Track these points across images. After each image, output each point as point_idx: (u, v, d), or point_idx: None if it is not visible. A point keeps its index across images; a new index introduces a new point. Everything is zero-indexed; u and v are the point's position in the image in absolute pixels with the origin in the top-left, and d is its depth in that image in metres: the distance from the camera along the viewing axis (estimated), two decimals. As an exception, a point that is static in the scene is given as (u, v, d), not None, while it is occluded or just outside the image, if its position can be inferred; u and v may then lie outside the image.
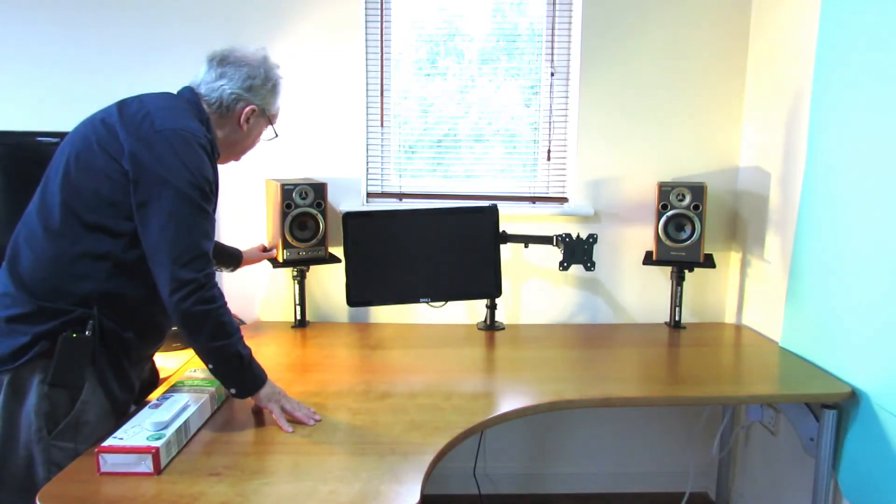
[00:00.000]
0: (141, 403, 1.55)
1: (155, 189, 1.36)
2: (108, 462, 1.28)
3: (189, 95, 1.55)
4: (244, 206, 2.44)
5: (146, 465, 1.28)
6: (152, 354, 1.67)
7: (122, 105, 1.47)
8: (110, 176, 1.38)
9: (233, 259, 2.12)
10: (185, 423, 1.42)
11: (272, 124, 1.68)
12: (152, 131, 1.39)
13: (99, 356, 1.41)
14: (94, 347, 1.39)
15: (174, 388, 1.59)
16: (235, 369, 1.47)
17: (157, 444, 1.30)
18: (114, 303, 1.42)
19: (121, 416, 1.47)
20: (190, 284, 1.36)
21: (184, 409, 1.46)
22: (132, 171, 1.37)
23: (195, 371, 1.71)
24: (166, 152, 1.37)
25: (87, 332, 1.38)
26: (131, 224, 1.39)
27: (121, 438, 1.32)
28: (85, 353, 1.38)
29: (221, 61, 1.56)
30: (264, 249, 2.28)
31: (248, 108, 1.57)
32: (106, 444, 1.30)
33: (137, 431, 1.35)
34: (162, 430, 1.35)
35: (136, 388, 1.56)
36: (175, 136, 1.39)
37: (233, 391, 1.49)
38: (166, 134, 1.39)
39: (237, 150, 1.66)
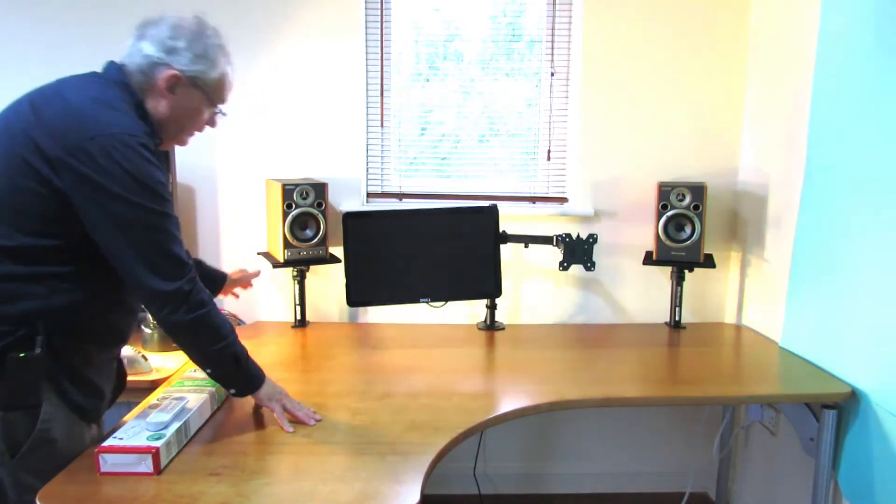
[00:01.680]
0: (139, 403, 1.54)
1: (105, 205, 1.23)
2: (108, 462, 1.28)
3: (116, 75, 1.35)
4: (244, 206, 2.44)
5: (146, 466, 1.28)
6: (118, 353, 1.53)
7: (37, 103, 1.28)
8: (34, 190, 1.23)
9: (215, 284, 1.93)
10: (186, 423, 1.42)
11: (213, 100, 1.44)
12: (86, 139, 1.22)
13: (55, 371, 1.29)
14: (46, 364, 1.27)
15: (174, 388, 1.58)
16: (234, 370, 1.45)
17: (158, 444, 1.30)
18: (63, 317, 1.30)
19: (93, 422, 1.41)
20: (175, 296, 1.30)
21: (184, 409, 1.45)
22: (70, 187, 1.22)
23: (195, 371, 1.70)
24: (107, 163, 1.22)
25: (37, 350, 1.25)
26: (62, 238, 1.27)
27: (120, 438, 1.31)
28: (37, 372, 1.26)
29: (144, 25, 1.36)
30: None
31: (168, 74, 1.34)
32: (106, 444, 1.29)
33: (137, 431, 1.34)
34: (162, 430, 1.35)
35: (107, 390, 1.46)
36: (112, 142, 1.23)
37: (232, 391, 1.49)
38: (101, 141, 1.22)
39: (172, 129, 1.42)
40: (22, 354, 1.24)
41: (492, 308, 2.38)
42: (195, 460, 1.36)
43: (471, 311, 2.52)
